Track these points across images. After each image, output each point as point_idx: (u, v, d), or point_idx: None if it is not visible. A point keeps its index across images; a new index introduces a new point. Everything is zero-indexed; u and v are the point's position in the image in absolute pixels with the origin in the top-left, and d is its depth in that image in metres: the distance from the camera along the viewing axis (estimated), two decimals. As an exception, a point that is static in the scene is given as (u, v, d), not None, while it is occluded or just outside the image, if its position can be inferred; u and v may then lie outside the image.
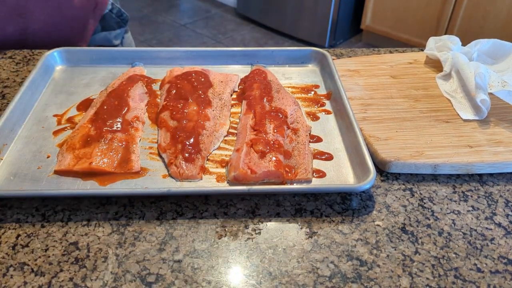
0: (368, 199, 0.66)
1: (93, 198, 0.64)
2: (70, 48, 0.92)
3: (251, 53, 0.96)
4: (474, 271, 0.56)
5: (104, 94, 0.81)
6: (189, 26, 3.44)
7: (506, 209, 0.65)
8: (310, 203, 0.65)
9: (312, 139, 0.75)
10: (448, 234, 0.61)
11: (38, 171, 0.67)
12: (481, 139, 0.74)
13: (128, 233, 0.59)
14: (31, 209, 0.62)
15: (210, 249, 0.58)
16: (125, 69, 0.91)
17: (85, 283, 0.53)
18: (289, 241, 0.59)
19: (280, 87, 0.85)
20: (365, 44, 3.19)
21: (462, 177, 0.70)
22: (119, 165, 0.67)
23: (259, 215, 0.63)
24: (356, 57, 0.99)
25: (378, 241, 0.60)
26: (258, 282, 0.54)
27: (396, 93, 0.86)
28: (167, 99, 0.79)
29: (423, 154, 0.70)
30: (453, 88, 0.87)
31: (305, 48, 0.96)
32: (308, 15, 3.05)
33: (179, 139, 0.70)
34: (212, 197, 0.65)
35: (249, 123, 0.74)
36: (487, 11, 2.46)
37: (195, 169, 0.67)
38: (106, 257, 0.56)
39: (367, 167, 0.65)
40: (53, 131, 0.75)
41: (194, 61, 0.94)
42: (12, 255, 0.56)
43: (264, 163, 0.66)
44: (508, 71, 0.88)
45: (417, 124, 0.78)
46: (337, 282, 0.54)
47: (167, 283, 0.53)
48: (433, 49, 0.96)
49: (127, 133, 0.73)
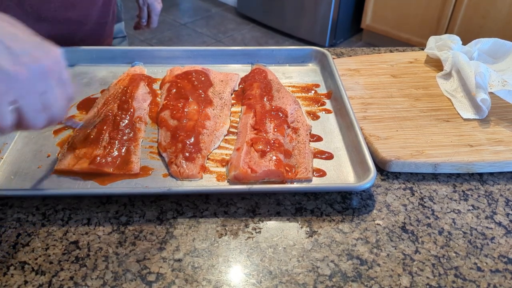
0: (368, 198, 0.66)
1: (93, 197, 0.64)
2: (70, 48, 0.92)
3: (252, 52, 0.96)
4: (474, 270, 0.56)
5: (106, 94, 0.81)
6: (190, 25, 3.44)
7: (506, 208, 0.65)
8: (311, 202, 0.65)
9: (313, 138, 0.75)
10: (448, 233, 0.61)
11: (39, 170, 0.67)
12: (482, 138, 0.74)
13: (129, 232, 0.59)
14: (32, 208, 0.62)
15: (211, 248, 0.58)
16: (125, 68, 0.91)
17: (85, 282, 0.53)
18: (290, 240, 0.59)
19: (280, 86, 0.85)
20: (366, 43, 3.19)
21: (462, 176, 0.70)
22: (119, 166, 0.67)
23: (259, 214, 0.63)
24: (356, 56, 0.99)
25: (378, 240, 0.60)
26: (259, 281, 0.54)
27: (397, 92, 0.86)
28: (167, 99, 0.79)
29: (424, 153, 0.70)
30: (453, 87, 0.87)
31: (306, 47, 0.96)
32: (308, 15, 3.05)
33: (180, 138, 0.70)
34: (213, 196, 0.65)
35: (250, 122, 0.74)
36: (487, 11, 2.46)
37: (195, 168, 0.67)
38: (106, 256, 0.56)
39: (367, 166, 0.65)
40: (54, 130, 0.75)
41: (195, 60, 0.94)
42: (13, 254, 0.56)
43: (265, 162, 0.66)
44: (508, 71, 0.88)
45: (418, 123, 0.78)
46: (337, 281, 0.54)
47: (168, 282, 0.53)
48: (433, 48, 0.96)
49: (129, 134, 0.73)
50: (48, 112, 0.52)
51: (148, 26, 1.24)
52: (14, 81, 0.47)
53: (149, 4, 1.20)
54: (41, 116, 0.51)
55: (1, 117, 0.47)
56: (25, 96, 0.48)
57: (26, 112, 0.49)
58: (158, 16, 1.23)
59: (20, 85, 0.47)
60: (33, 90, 0.49)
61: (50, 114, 0.52)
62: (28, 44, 0.49)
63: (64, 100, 0.54)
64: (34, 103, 0.49)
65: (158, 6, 1.21)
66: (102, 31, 1.06)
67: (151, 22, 1.23)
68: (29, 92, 0.49)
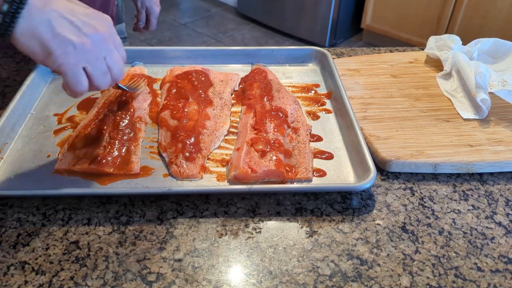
0: (368, 198, 0.66)
1: (93, 197, 0.64)
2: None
3: (252, 52, 0.96)
4: (475, 270, 0.56)
5: (107, 94, 0.81)
6: (190, 25, 3.44)
7: (506, 208, 0.65)
8: (311, 202, 0.65)
9: (313, 138, 0.75)
10: (448, 233, 0.61)
11: (39, 170, 0.67)
12: (482, 138, 0.74)
13: (129, 232, 0.60)
14: (32, 208, 0.62)
15: (211, 248, 0.58)
16: (125, 68, 0.91)
17: (85, 282, 0.53)
18: (290, 240, 0.59)
19: (280, 86, 0.85)
20: (366, 43, 3.19)
21: (462, 176, 0.70)
22: (119, 166, 0.67)
23: (259, 214, 0.63)
24: (356, 56, 0.99)
25: (378, 240, 0.60)
26: (259, 281, 0.54)
27: (397, 92, 0.86)
28: (167, 99, 0.79)
29: (424, 153, 0.70)
30: (453, 87, 0.87)
31: (306, 47, 0.96)
32: (308, 14, 3.05)
33: (180, 138, 0.70)
34: (213, 196, 0.65)
35: (250, 122, 0.74)
36: (487, 11, 2.46)
37: (195, 168, 0.67)
38: (106, 256, 0.56)
39: (367, 166, 0.65)
40: (54, 130, 0.75)
41: (195, 60, 0.94)
42: (13, 254, 0.56)
43: (265, 162, 0.66)
44: (508, 71, 0.88)
45: (418, 123, 0.78)
46: (338, 281, 0.54)
47: (168, 282, 0.53)
48: (433, 48, 0.96)
49: (129, 134, 0.73)
50: (111, 72, 0.60)
51: (147, 28, 1.24)
52: (82, 50, 0.55)
53: (148, 7, 1.20)
54: (107, 77, 0.59)
55: (79, 82, 0.56)
56: (93, 61, 0.56)
57: (95, 75, 0.57)
58: (156, 19, 1.23)
59: (88, 54, 0.55)
60: (98, 55, 0.57)
61: (112, 75, 0.60)
62: (85, 16, 0.56)
63: (121, 60, 0.61)
64: (101, 67, 0.58)
65: (156, 9, 1.21)
66: None
67: (150, 24, 1.23)
68: (95, 57, 0.56)
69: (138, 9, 1.20)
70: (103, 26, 0.57)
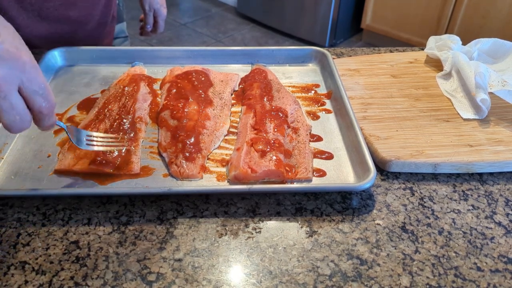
0: (368, 198, 0.66)
1: (93, 197, 0.64)
2: (70, 48, 0.93)
3: (252, 52, 0.96)
4: (474, 270, 0.56)
5: (107, 94, 0.81)
6: (189, 25, 3.44)
7: (506, 208, 0.65)
8: (311, 202, 0.65)
9: (313, 138, 0.75)
10: (448, 233, 0.61)
11: (39, 170, 0.67)
12: (481, 138, 0.75)
13: (129, 232, 0.60)
14: (32, 208, 0.62)
15: (211, 248, 0.58)
16: (125, 68, 0.91)
17: (85, 282, 0.53)
18: (290, 240, 0.59)
19: (280, 87, 0.85)
20: (366, 43, 3.19)
21: (462, 176, 0.70)
22: (119, 166, 0.67)
23: (259, 214, 0.63)
24: (356, 56, 0.99)
25: (378, 240, 0.60)
26: (259, 281, 0.54)
27: (397, 92, 0.86)
28: (167, 99, 0.80)
29: (423, 153, 0.71)
30: (453, 87, 0.87)
31: (306, 48, 0.96)
32: (308, 14, 3.05)
33: (180, 138, 0.70)
34: (213, 196, 0.65)
35: (250, 122, 0.75)
36: (487, 11, 2.46)
37: (195, 168, 0.67)
38: (106, 256, 0.56)
39: (367, 166, 0.65)
40: (54, 130, 0.75)
41: (195, 61, 0.94)
42: (13, 254, 0.56)
43: (265, 162, 0.66)
44: (508, 71, 0.88)
45: (418, 123, 0.78)
46: (337, 281, 0.54)
47: (168, 282, 0.53)
48: (433, 48, 0.96)
49: (130, 134, 0.73)
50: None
51: (155, 31, 1.24)
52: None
53: (156, 10, 1.20)
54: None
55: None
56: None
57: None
58: (164, 21, 1.24)
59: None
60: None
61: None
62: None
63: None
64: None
65: (164, 11, 1.21)
66: (102, 31, 1.06)
67: (157, 27, 1.23)
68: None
69: (145, 12, 1.20)
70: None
